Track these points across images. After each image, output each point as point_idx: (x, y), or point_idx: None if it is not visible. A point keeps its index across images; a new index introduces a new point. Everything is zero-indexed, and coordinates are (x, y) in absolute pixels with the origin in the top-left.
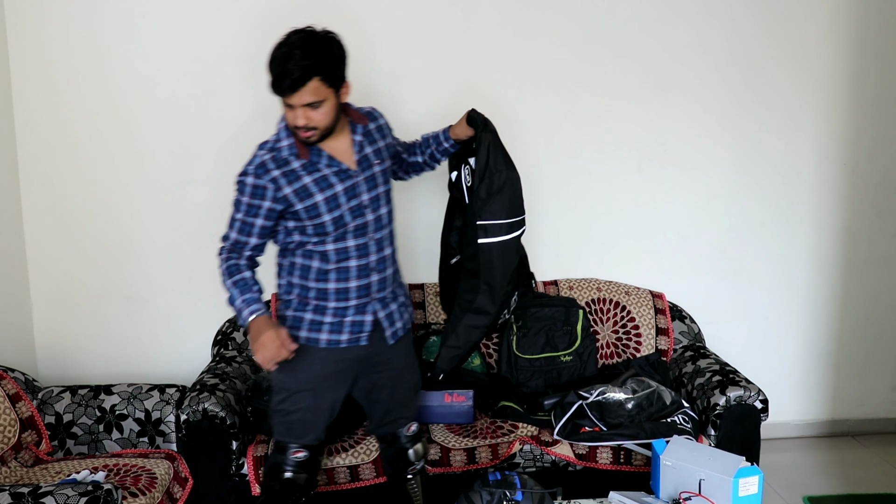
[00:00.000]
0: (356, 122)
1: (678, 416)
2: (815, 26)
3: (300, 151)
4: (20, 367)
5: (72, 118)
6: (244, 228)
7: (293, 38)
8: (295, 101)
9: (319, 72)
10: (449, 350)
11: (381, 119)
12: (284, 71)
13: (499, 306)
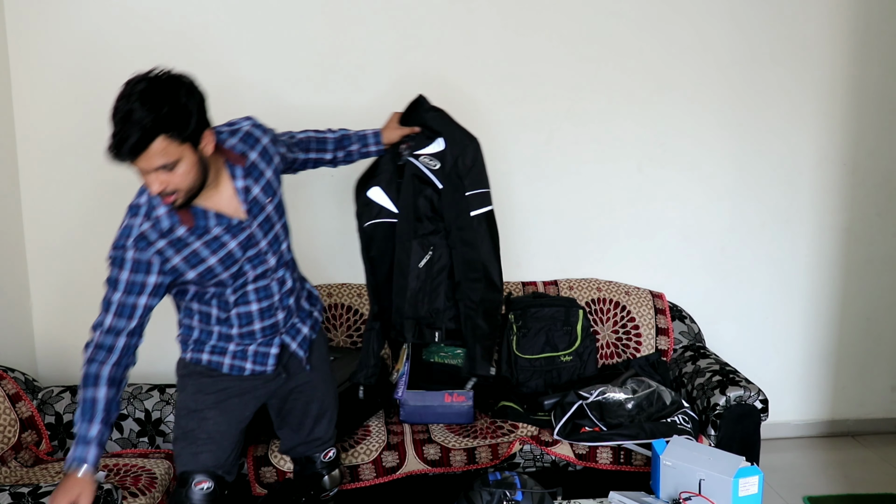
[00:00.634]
0: (234, 163)
1: (678, 416)
2: (815, 26)
3: (183, 219)
4: (20, 367)
5: (72, 118)
6: (124, 310)
7: (132, 89)
8: (144, 166)
9: (164, 129)
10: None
11: (263, 138)
12: (121, 133)
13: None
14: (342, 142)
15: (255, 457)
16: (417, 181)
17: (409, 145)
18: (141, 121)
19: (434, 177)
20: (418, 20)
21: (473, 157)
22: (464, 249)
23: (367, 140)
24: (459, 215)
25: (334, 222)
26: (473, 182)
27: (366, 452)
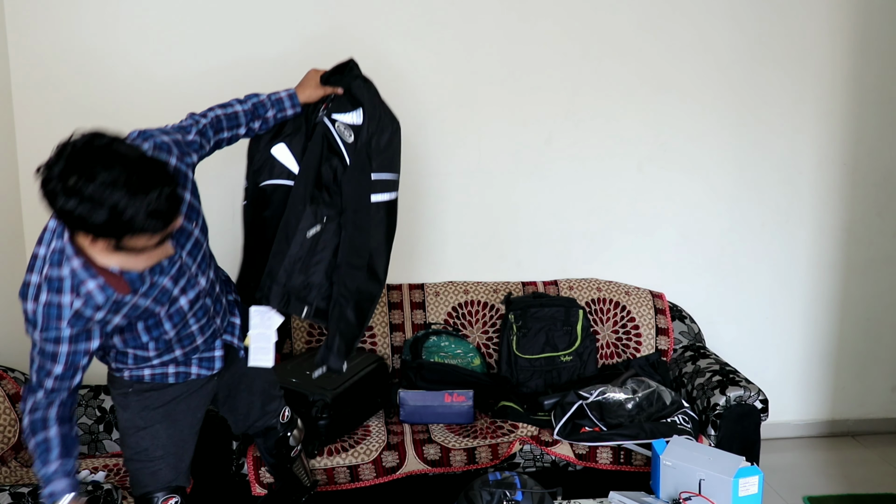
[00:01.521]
0: None
1: (678, 416)
2: (815, 26)
3: (118, 288)
4: (20, 367)
5: (72, 118)
6: (66, 374)
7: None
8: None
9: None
10: (344, 338)
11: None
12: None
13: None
14: (256, 110)
15: (255, 457)
16: (327, 146)
17: (327, 105)
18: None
19: (345, 149)
20: (418, 20)
21: (389, 139)
22: (354, 233)
23: (282, 104)
24: (359, 197)
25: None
26: (382, 165)
27: (366, 452)
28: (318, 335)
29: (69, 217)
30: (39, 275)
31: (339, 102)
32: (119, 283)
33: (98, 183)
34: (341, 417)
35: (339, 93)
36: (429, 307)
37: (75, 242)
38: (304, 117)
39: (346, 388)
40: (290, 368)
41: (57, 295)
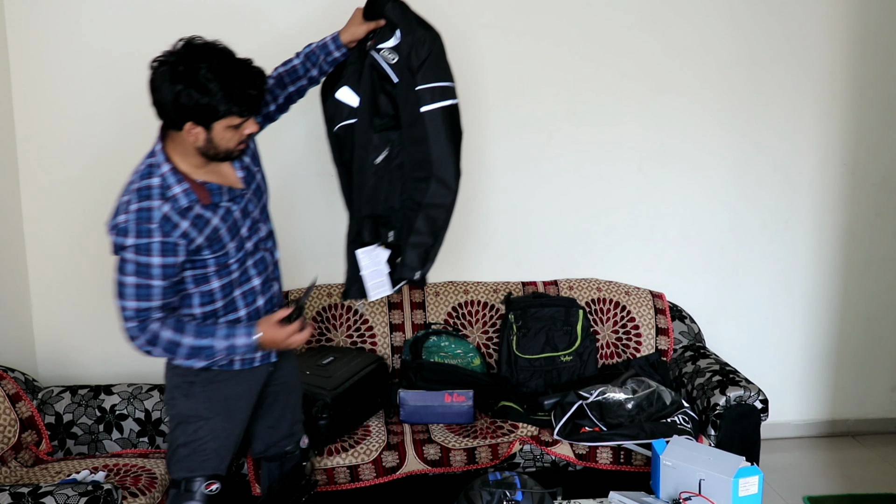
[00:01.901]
0: None
1: (678, 416)
2: (815, 26)
3: (201, 197)
4: (20, 367)
5: (72, 118)
6: (167, 292)
7: (216, 47)
8: (236, 122)
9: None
10: (415, 249)
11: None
12: (256, 84)
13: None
14: (309, 59)
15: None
16: (376, 75)
17: (374, 40)
18: (255, 67)
19: (391, 70)
20: None
21: (429, 49)
22: (412, 147)
23: (328, 48)
24: (410, 111)
25: (332, 222)
26: (427, 76)
27: (366, 452)
28: (317, 335)
29: (175, 103)
30: (129, 193)
31: (382, 33)
32: (201, 191)
33: (201, 71)
34: (341, 417)
35: (382, 24)
36: (429, 307)
37: (166, 150)
38: (357, 57)
39: (346, 388)
40: None
41: (147, 201)
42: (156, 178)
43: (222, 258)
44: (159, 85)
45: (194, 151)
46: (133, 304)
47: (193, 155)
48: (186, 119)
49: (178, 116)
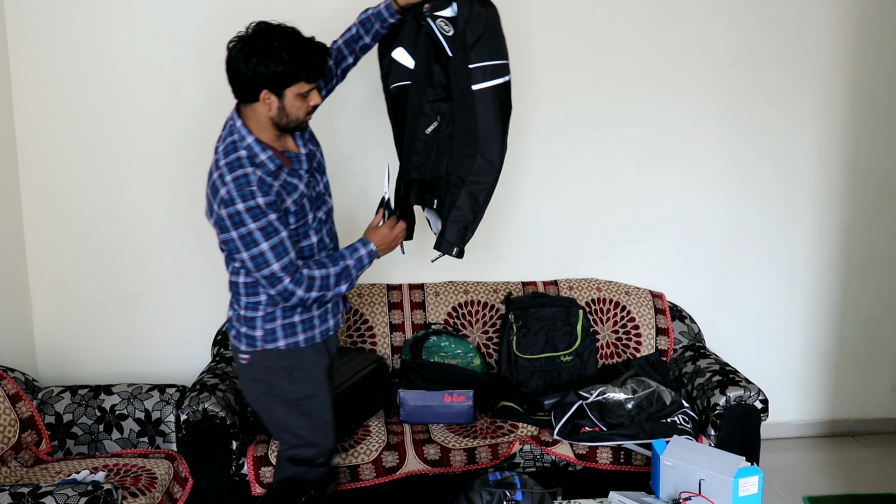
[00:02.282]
0: None
1: (678, 416)
2: (815, 26)
3: (284, 161)
4: (20, 367)
5: (72, 118)
6: (294, 243)
7: (284, 26)
8: (305, 89)
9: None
10: (455, 224)
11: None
12: (320, 53)
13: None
14: (364, 25)
15: (255, 457)
16: (431, 44)
17: (431, 5)
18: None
19: (446, 43)
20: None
21: (484, 27)
22: (461, 122)
23: (382, 15)
24: (461, 86)
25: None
26: (480, 54)
27: (366, 452)
28: None
29: (253, 73)
30: (219, 169)
31: (440, 0)
32: (283, 157)
33: (274, 44)
34: (341, 417)
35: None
36: (429, 307)
37: (246, 123)
38: (413, 18)
39: (346, 388)
40: None
41: (240, 169)
42: (241, 150)
43: (303, 227)
44: (237, 60)
45: (268, 123)
46: (278, 265)
47: (268, 128)
48: (262, 87)
49: (254, 87)
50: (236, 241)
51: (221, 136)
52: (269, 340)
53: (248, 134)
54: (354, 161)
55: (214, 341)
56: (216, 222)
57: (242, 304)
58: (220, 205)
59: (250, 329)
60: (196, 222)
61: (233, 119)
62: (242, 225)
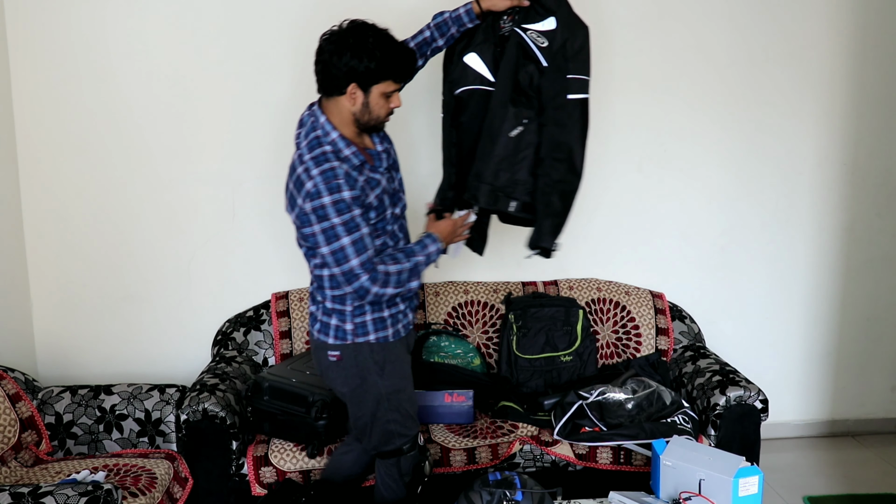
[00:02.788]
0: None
1: (678, 416)
2: (815, 26)
3: (366, 158)
4: (20, 367)
5: (72, 119)
6: (371, 236)
7: (378, 26)
8: (392, 89)
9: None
10: (552, 223)
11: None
12: (411, 56)
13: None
14: (440, 28)
15: (254, 457)
16: (522, 54)
17: (512, 17)
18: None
19: (540, 54)
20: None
21: (582, 43)
22: (555, 129)
23: (461, 20)
24: (558, 95)
25: None
26: (577, 67)
27: None
28: None
29: (345, 67)
30: (304, 163)
31: (528, 13)
32: (365, 154)
33: (368, 41)
34: (341, 417)
35: (525, 4)
36: (429, 307)
37: (329, 119)
38: (489, 27)
39: None
40: (290, 368)
41: (326, 163)
42: (326, 145)
43: (381, 222)
44: (329, 53)
45: (350, 120)
46: (357, 262)
47: (349, 124)
48: (351, 81)
49: (344, 80)
50: (318, 235)
51: (303, 132)
52: (360, 334)
53: (332, 129)
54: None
55: (214, 341)
56: (298, 216)
57: (328, 297)
58: (305, 198)
59: (341, 321)
60: (197, 222)
61: (315, 115)
62: (326, 219)
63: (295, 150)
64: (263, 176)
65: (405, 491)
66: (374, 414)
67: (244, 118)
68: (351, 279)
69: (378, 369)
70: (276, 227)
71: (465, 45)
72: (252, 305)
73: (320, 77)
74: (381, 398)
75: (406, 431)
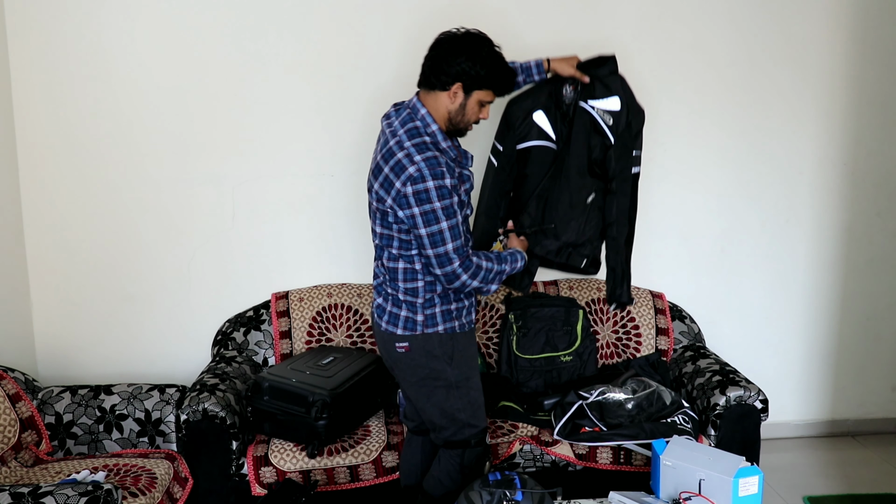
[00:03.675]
0: None
1: (678, 417)
2: (815, 26)
3: (458, 153)
4: (20, 367)
5: (71, 118)
6: (465, 223)
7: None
8: (489, 99)
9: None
10: (624, 279)
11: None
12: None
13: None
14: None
15: (254, 457)
16: (592, 129)
17: (574, 88)
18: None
19: (608, 130)
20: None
21: (640, 125)
22: (620, 198)
23: (531, 72)
24: (624, 170)
25: (335, 224)
26: (638, 144)
27: (366, 452)
28: (317, 335)
29: (456, 66)
30: (405, 149)
31: (591, 90)
32: (457, 150)
33: (484, 50)
34: (341, 417)
35: (586, 81)
36: None
37: (431, 111)
38: (551, 89)
39: (347, 388)
40: (290, 368)
41: (427, 151)
42: (426, 136)
43: (464, 221)
44: (446, 51)
45: (444, 118)
46: (452, 246)
47: (442, 122)
48: (457, 81)
49: (451, 78)
50: (417, 216)
51: (400, 120)
52: (430, 325)
53: (432, 122)
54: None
55: (214, 341)
56: (395, 199)
57: (400, 289)
58: (406, 182)
59: (411, 313)
60: (196, 222)
61: (415, 107)
62: (428, 202)
63: (384, 138)
64: (263, 176)
65: (461, 483)
66: (444, 403)
67: (244, 118)
68: (444, 262)
69: (447, 359)
70: (276, 227)
71: (532, 103)
72: (252, 305)
73: (428, 71)
74: (450, 387)
75: (475, 423)
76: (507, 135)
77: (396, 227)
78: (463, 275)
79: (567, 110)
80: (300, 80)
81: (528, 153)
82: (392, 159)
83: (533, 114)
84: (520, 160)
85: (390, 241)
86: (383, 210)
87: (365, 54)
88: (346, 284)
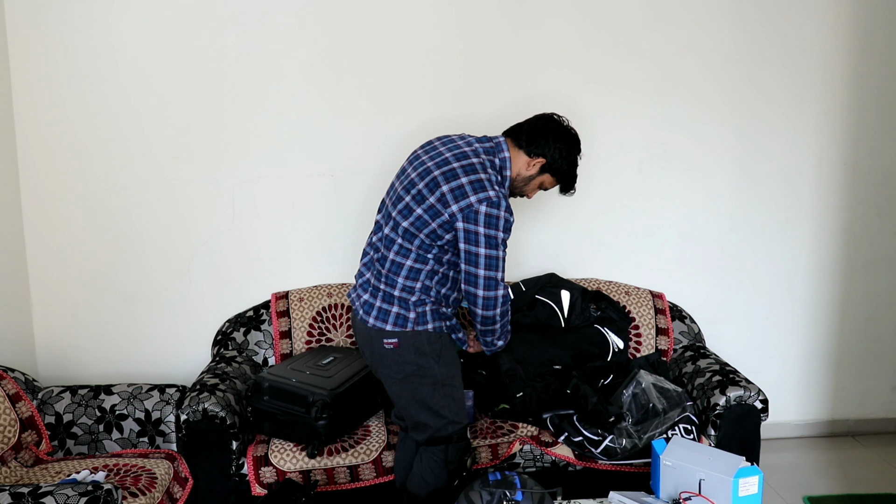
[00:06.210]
0: None
1: (679, 427)
2: (815, 26)
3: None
4: (20, 367)
5: (71, 118)
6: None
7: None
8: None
9: None
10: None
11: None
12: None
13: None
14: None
15: (254, 457)
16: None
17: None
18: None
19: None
20: (415, 27)
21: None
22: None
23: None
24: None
25: (335, 223)
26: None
27: (366, 452)
28: (317, 335)
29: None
30: (487, 173)
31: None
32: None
33: (575, 153)
34: (341, 417)
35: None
36: None
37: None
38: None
39: (346, 388)
40: (290, 368)
41: (501, 188)
42: (501, 191)
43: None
44: (552, 130)
45: (512, 175)
46: (501, 274)
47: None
48: (543, 157)
49: (540, 151)
50: (481, 237)
51: (483, 148)
52: (420, 323)
53: (508, 168)
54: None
55: (214, 341)
56: (463, 210)
57: (398, 285)
58: (483, 201)
59: (403, 310)
60: (197, 222)
61: (501, 146)
62: (495, 228)
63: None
64: (263, 176)
65: (447, 478)
66: (429, 399)
67: (243, 117)
68: (492, 286)
69: (435, 356)
70: (276, 227)
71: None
72: (252, 305)
73: (524, 132)
74: (437, 384)
75: (458, 419)
76: (528, 283)
77: (432, 227)
78: (499, 306)
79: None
80: (300, 80)
81: (535, 302)
82: (473, 174)
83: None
84: (528, 307)
85: (411, 238)
86: (428, 206)
87: (364, 54)
88: (346, 284)
